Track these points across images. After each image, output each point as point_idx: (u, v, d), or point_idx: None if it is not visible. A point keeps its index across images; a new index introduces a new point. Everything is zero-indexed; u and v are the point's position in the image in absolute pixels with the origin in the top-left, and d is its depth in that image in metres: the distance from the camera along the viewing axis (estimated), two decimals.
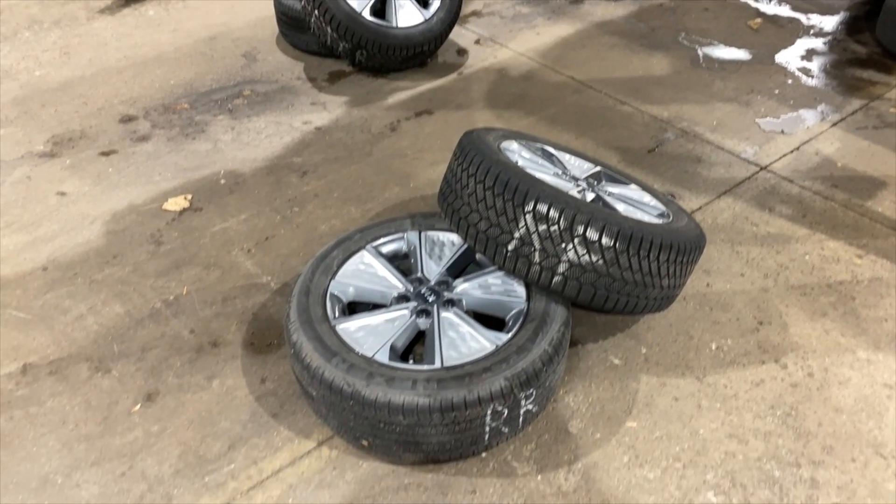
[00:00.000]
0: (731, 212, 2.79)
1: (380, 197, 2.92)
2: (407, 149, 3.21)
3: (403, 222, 2.31)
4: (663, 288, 2.01)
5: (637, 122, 3.37)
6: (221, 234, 2.74)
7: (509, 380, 1.79)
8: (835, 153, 3.10)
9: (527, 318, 1.98)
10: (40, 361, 2.24)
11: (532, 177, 1.95)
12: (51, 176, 3.07)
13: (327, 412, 1.88)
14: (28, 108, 3.55)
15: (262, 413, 2.07)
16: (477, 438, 1.84)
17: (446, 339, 1.96)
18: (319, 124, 3.40)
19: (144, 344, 2.29)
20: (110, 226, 2.79)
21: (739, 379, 2.14)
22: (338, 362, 1.82)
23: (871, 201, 2.81)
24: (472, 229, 2.01)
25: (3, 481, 1.91)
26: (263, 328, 2.34)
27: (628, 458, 1.93)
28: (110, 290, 2.50)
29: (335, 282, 2.12)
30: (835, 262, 2.53)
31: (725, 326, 2.30)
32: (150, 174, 3.07)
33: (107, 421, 2.06)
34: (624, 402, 2.08)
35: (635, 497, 1.83)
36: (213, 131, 3.36)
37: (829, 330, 2.28)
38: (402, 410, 1.74)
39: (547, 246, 1.89)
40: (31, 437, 2.02)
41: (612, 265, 1.89)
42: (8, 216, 2.84)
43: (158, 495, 1.87)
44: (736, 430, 1.99)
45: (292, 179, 3.03)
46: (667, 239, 1.94)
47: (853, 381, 2.12)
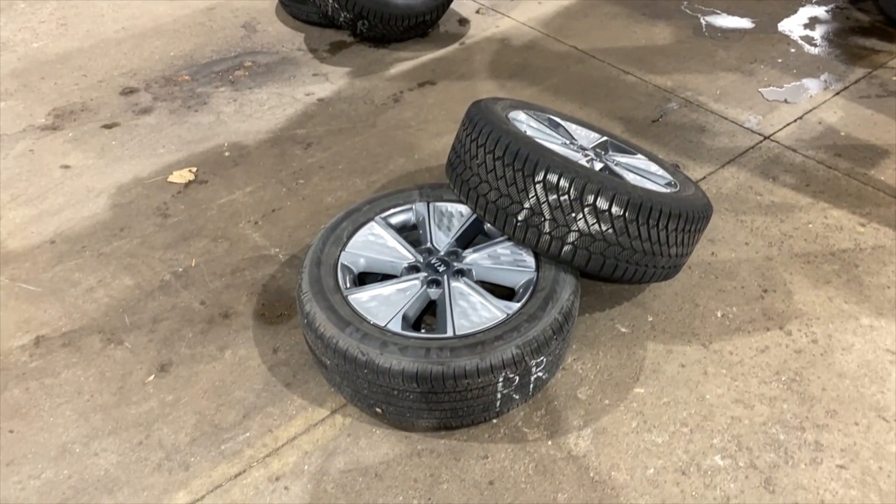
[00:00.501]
0: (735, 181, 2.80)
1: (385, 169, 2.92)
2: (411, 120, 3.20)
3: (411, 193, 2.32)
4: (671, 257, 2.03)
5: (640, 91, 3.37)
6: (228, 206, 2.74)
7: (521, 348, 1.81)
8: (838, 122, 3.11)
9: (536, 288, 2.00)
10: (53, 333, 2.26)
11: (542, 146, 1.95)
12: (54, 149, 3.06)
13: (341, 381, 1.91)
14: (27, 80, 3.52)
15: (275, 382, 2.10)
16: (489, 405, 1.88)
17: (457, 308, 1.98)
18: (322, 96, 3.39)
19: (156, 315, 2.31)
20: (116, 199, 2.79)
21: (745, 346, 2.17)
22: (351, 331, 1.84)
23: (874, 170, 2.83)
24: (481, 199, 2.02)
25: (21, 451, 1.94)
26: (273, 299, 2.36)
27: (636, 423, 1.97)
28: (119, 263, 2.51)
29: (346, 253, 2.13)
30: (838, 231, 2.56)
31: (730, 294, 2.33)
32: (154, 147, 3.06)
33: (122, 391, 2.09)
34: (631, 369, 2.12)
35: (643, 460, 1.88)
36: (215, 103, 3.34)
37: (833, 297, 2.31)
38: (416, 378, 1.77)
39: (557, 216, 1.91)
40: (47, 408, 2.05)
41: (622, 234, 1.91)
42: (13, 189, 2.83)
43: (176, 463, 1.90)
44: (742, 395, 2.03)
45: (297, 151, 3.03)
46: (675, 208, 1.96)
47: (856, 347, 2.15)
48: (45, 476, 1.88)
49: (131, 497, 1.83)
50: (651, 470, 1.86)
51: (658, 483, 1.83)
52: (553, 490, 1.81)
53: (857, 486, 1.81)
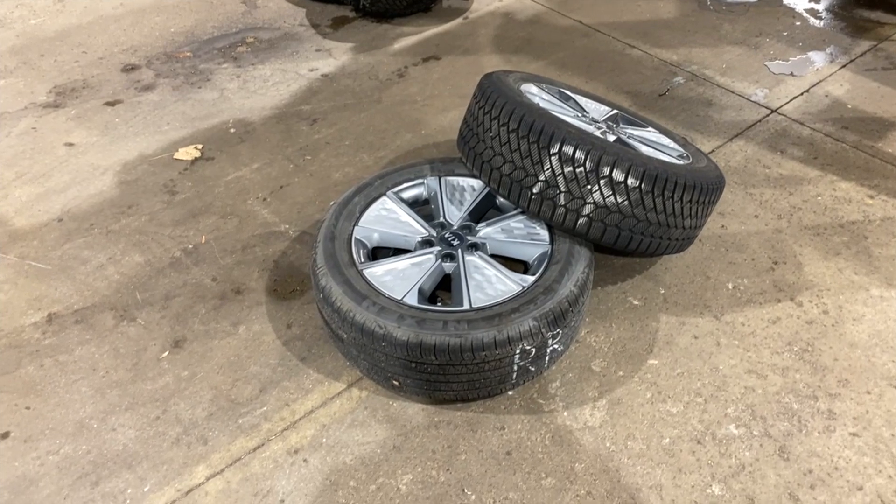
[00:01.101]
0: (744, 154, 2.80)
1: (392, 144, 2.91)
2: (416, 95, 3.19)
3: (422, 168, 2.31)
4: (685, 228, 2.04)
5: (647, 65, 3.35)
6: (235, 182, 2.73)
7: (537, 320, 1.82)
8: (844, 95, 3.11)
9: (551, 260, 2.00)
10: (65, 311, 2.26)
11: (557, 118, 1.95)
12: (57, 127, 3.03)
13: (358, 354, 1.91)
14: (27, 57, 3.48)
15: (290, 357, 2.10)
16: (505, 377, 1.89)
17: (472, 281, 1.98)
18: (326, 71, 3.36)
19: (167, 292, 2.31)
20: (122, 176, 2.77)
21: (756, 317, 2.18)
22: (368, 305, 1.84)
23: (882, 142, 2.83)
24: (495, 173, 2.02)
25: (39, 427, 1.94)
26: (285, 275, 2.35)
27: (651, 393, 1.99)
28: (128, 240, 2.50)
29: (359, 227, 2.13)
30: (847, 203, 2.57)
31: (741, 267, 2.34)
32: (159, 124, 3.04)
33: (136, 367, 2.09)
34: (644, 341, 2.13)
35: (659, 430, 1.89)
36: (218, 80, 3.31)
37: (843, 268, 2.33)
38: (434, 350, 1.77)
39: (572, 188, 1.90)
40: (63, 385, 2.05)
41: (637, 206, 1.91)
42: (17, 168, 2.81)
43: (194, 438, 1.91)
44: (754, 365, 2.05)
45: (302, 128, 3.01)
46: (690, 179, 1.96)
47: (867, 318, 2.17)
48: (64, 451, 1.88)
49: (151, 471, 1.83)
50: (667, 439, 1.88)
51: (674, 452, 1.84)
52: (570, 460, 1.83)
53: (871, 454, 1.83)
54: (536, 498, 1.75)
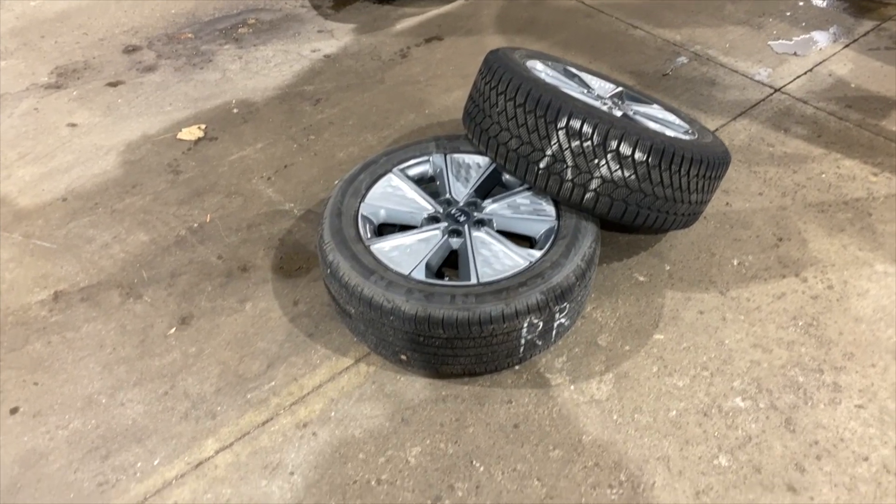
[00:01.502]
0: (748, 133, 2.80)
1: (395, 124, 2.91)
2: (419, 75, 3.18)
3: (428, 145, 2.31)
4: (691, 203, 2.04)
5: (650, 45, 3.34)
6: (239, 162, 2.73)
7: (545, 293, 1.83)
8: (848, 74, 3.11)
9: (558, 236, 2.00)
10: (71, 289, 2.26)
11: (564, 93, 1.95)
12: (59, 107, 3.02)
13: (365, 329, 1.92)
14: (27, 39, 3.46)
15: (297, 333, 2.11)
16: (512, 351, 1.89)
17: (480, 257, 1.99)
18: (328, 52, 3.35)
19: (173, 270, 2.31)
20: (126, 156, 2.77)
21: (761, 292, 2.19)
22: (376, 279, 1.85)
23: (886, 120, 2.83)
24: (501, 148, 2.02)
25: (48, 402, 1.95)
26: (291, 253, 2.35)
27: (657, 367, 2.00)
28: (133, 219, 2.49)
29: (365, 204, 2.13)
30: (851, 180, 2.57)
31: (746, 243, 2.35)
32: (161, 104, 3.03)
33: (144, 344, 2.09)
34: (650, 316, 2.14)
35: (666, 403, 1.90)
36: (220, 61, 3.30)
37: (847, 245, 2.33)
38: (442, 324, 1.78)
39: (580, 162, 1.90)
40: (70, 361, 2.05)
41: (644, 180, 1.91)
42: (20, 148, 2.80)
43: (203, 412, 1.92)
44: (760, 340, 2.06)
45: (306, 108, 3.00)
46: (697, 154, 1.96)
47: (871, 293, 2.18)
48: (73, 426, 1.89)
49: (160, 445, 1.84)
50: (673, 412, 1.89)
51: (681, 424, 1.86)
52: (577, 432, 1.84)
53: (876, 425, 1.84)
54: (545, 469, 1.76)
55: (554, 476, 1.75)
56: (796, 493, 1.72)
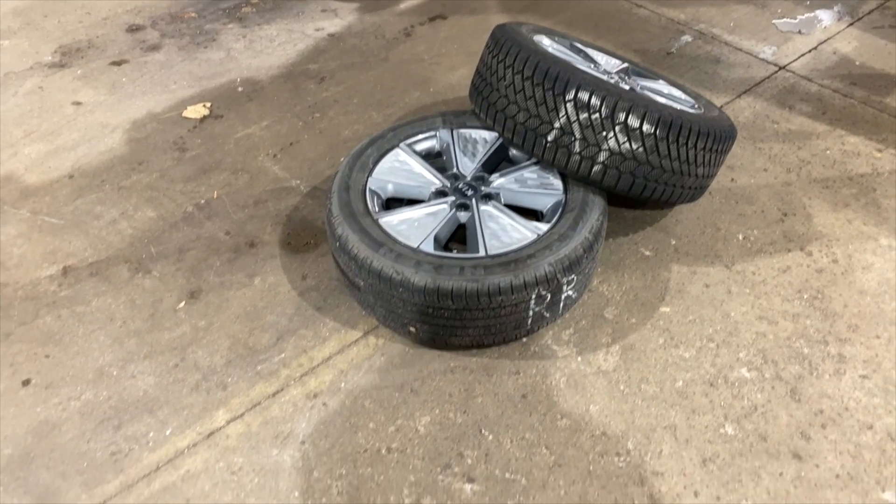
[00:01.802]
0: (752, 110, 2.81)
1: (400, 102, 2.91)
2: (423, 54, 3.18)
3: (434, 120, 2.32)
4: (698, 177, 2.05)
5: (654, 24, 3.34)
6: (245, 140, 2.73)
7: (553, 265, 1.84)
8: (852, 52, 3.11)
9: (566, 209, 2.02)
10: (79, 264, 2.27)
11: (572, 65, 1.95)
12: (63, 86, 3.02)
13: (374, 301, 1.93)
14: (30, 18, 3.45)
15: (306, 307, 2.12)
16: (520, 323, 1.91)
17: (488, 230, 2.00)
18: (332, 31, 3.34)
19: (181, 245, 2.32)
20: (131, 134, 2.77)
21: (767, 266, 2.21)
22: (385, 252, 1.86)
23: (890, 97, 2.84)
24: (509, 122, 2.03)
25: (59, 375, 1.96)
26: (298, 229, 2.36)
27: (664, 339, 2.01)
28: (140, 196, 2.50)
29: (372, 178, 2.14)
30: (855, 156, 2.58)
31: (751, 218, 2.36)
32: (166, 83, 3.03)
33: (153, 317, 2.11)
34: (656, 289, 2.15)
35: (672, 374, 1.92)
36: (224, 40, 3.29)
37: (852, 219, 2.34)
38: (451, 296, 1.79)
39: (587, 135, 1.91)
40: (81, 334, 2.07)
41: (652, 153, 1.92)
42: (26, 126, 2.80)
43: (213, 384, 1.93)
44: (765, 312, 2.08)
45: (310, 86, 3.00)
46: (704, 127, 1.97)
47: (876, 266, 2.19)
48: (85, 397, 1.91)
49: (172, 416, 1.86)
50: (680, 382, 1.90)
51: (687, 394, 1.88)
52: (585, 402, 1.86)
53: (880, 395, 1.86)
54: (553, 437, 1.78)
55: (562, 444, 1.77)
56: (801, 460, 1.74)
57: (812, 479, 1.70)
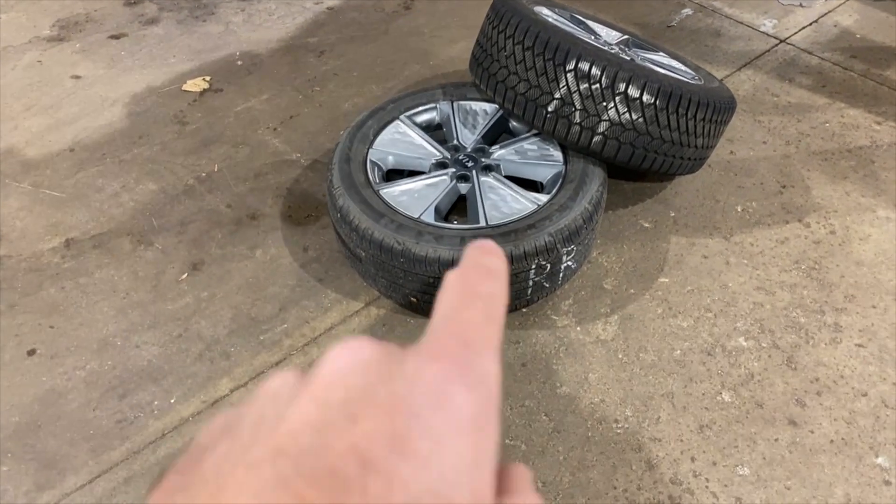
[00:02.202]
0: (752, 83, 2.81)
1: (400, 75, 2.90)
2: (423, 27, 3.16)
3: (435, 92, 2.32)
4: (697, 148, 2.06)
5: None
6: (245, 113, 2.73)
7: (553, 235, 1.85)
8: (853, 25, 3.10)
9: (566, 180, 2.03)
10: (82, 236, 2.28)
11: (573, 35, 1.95)
12: (62, 59, 3.01)
13: (376, 272, 1.95)
14: None
15: (308, 278, 2.14)
16: (520, 293, 1.93)
17: (488, 201, 2.01)
18: (331, 4, 3.32)
19: (183, 218, 2.33)
20: (131, 107, 2.77)
21: (765, 237, 2.22)
22: (386, 222, 1.87)
23: (890, 70, 2.83)
24: (509, 92, 2.03)
25: (64, 345, 1.98)
26: (299, 201, 2.38)
27: (662, 309, 2.03)
28: (141, 169, 2.51)
29: (373, 150, 2.14)
30: (854, 129, 2.58)
31: (750, 190, 2.37)
32: (165, 56, 3.02)
33: (156, 289, 2.13)
34: (655, 261, 2.17)
35: (670, 343, 1.95)
36: (222, 13, 3.28)
37: (850, 191, 2.36)
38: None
39: (588, 105, 1.92)
40: (85, 305, 2.08)
41: (652, 123, 1.93)
42: (25, 99, 2.80)
43: (217, 353, 1.96)
44: (763, 283, 2.10)
45: (310, 59, 2.99)
46: (704, 97, 1.97)
47: (873, 237, 2.21)
48: (90, 367, 1.93)
49: (176, 385, 1.88)
50: (678, 351, 1.93)
51: (685, 363, 1.90)
52: (584, 370, 1.89)
53: (875, 363, 1.89)
54: (552, 405, 1.81)
55: (561, 411, 1.80)
56: (797, 426, 1.77)
57: (807, 445, 1.73)
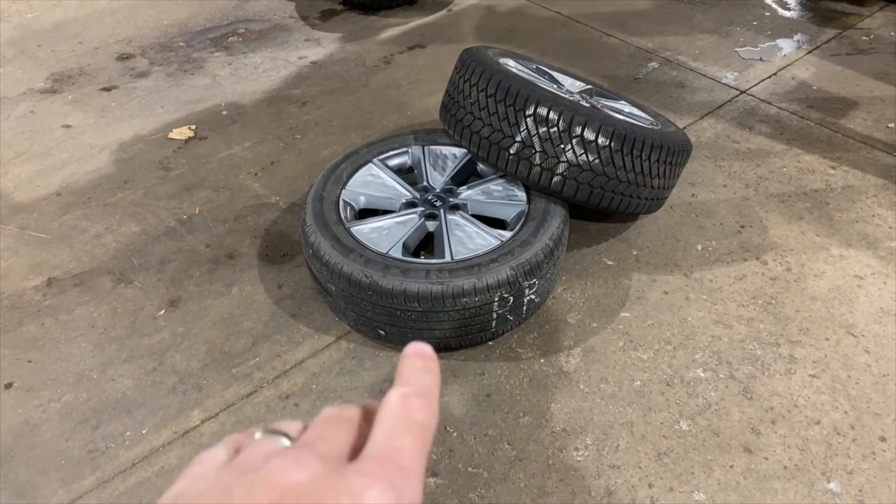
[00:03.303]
0: (714, 131, 2.94)
1: (378, 124, 3.03)
2: (402, 80, 3.31)
3: (407, 138, 2.43)
4: (654, 188, 2.16)
5: (622, 52, 3.50)
6: (228, 159, 2.84)
7: (515, 269, 1.93)
8: (810, 77, 3.26)
9: (528, 218, 2.12)
10: (64, 275, 2.35)
11: (532, 83, 2.08)
12: (54, 110, 3.14)
13: (346, 306, 2.02)
14: (24, 48, 3.59)
15: (281, 314, 2.20)
16: (485, 325, 2.00)
17: (454, 237, 2.10)
18: (315, 59, 3.48)
19: (163, 258, 2.41)
20: (118, 154, 2.88)
21: (723, 274, 2.31)
22: (355, 257, 1.95)
23: (844, 119, 2.98)
24: (475, 136, 2.14)
25: (41, 378, 2.03)
26: (276, 242, 2.46)
27: (623, 342, 2.10)
28: (125, 212, 2.60)
29: (346, 191, 2.24)
30: (810, 173, 2.70)
31: (710, 230, 2.47)
32: (153, 107, 3.15)
33: (134, 325, 2.19)
34: (617, 296, 2.25)
35: (630, 374, 2.01)
36: (210, 67, 3.43)
37: (806, 231, 2.46)
38: (417, 298, 1.88)
39: (547, 147, 2.03)
40: (63, 340, 2.14)
41: (608, 164, 2.03)
42: (17, 147, 2.91)
43: (189, 386, 2.01)
44: (721, 317, 2.17)
45: (292, 110, 3.13)
46: (657, 140, 2.09)
47: (827, 274, 2.30)
48: (65, 399, 1.98)
49: (149, 416, 1.93)
50: (637, 382, 1.99)
51: (644, 393, 1.96)
52: (546, 401, 1.94)
53: (828, 392, 1.95)
54: (515, 434, 1.86)
55: (523, 440, 1.85)
56: (752, 453, 1.82)
57: (761, 471, 1.78)
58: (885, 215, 2.50)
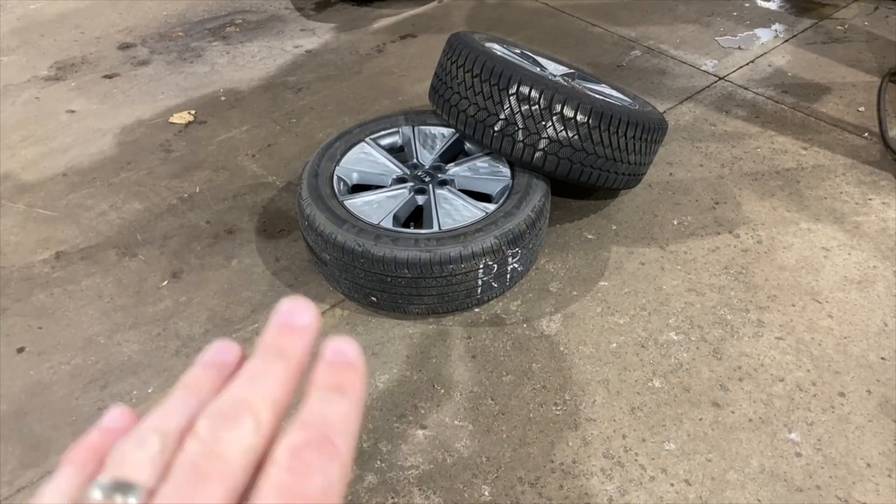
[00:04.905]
0: (692, 114, 3.07)
1: (371, 109, 3.15)
2: (394, 67, 3.44)
3: (398, 118, 2.56)
4: (630, 164, 2.29)
5: (607, 41, 3.63)
6: (226, 142, 2.96)
7: (498, 238, 2.06)
8: (786, 65, 3.39)
9: (512, 191, 2.25)
10: (71, 250, 2.47)
11: (515, 63, 2.20)
12: (59, 96, 3.25)
13: (339, 274, 2.14)
14: (27, 38, 3.70)
15: (279, 284, 2.33)
16: (471, 292, 2.12)
17: (442, 210, 2.22)
18: (310, 48, 3.60)
19: (165, 233, 2.53)
20: (121, 137, 2.99)
21: (698, 247, 2.44)
22: (348, 227, 2.08)
23: (817, 104, 3.11)
24: (462, 115, 2.27)
25: (51, 343, 2.15)
26: (274, 218, 2.58)
27: (601, 308, 2.23)
28: (128, 191, 2.72)
29: (340, 167, 2.36)
30: (783, 153, 2.84)
31: (686, 206, 2.60)
32: (154, 93, 3.27)
33: (138, 294, 2.31)
34: (597, 267, 2.37)
35: (607, 337, 2.14)
36: (209, 56, 3.54)
37: (777, 207, 2.59)
38: (407, 264, 2.01)
39: (529, 124, 2.15)
40: (71, 309, 2.26)
41: (586, 140, 2.16)
42: (23, 131, 3.02)
43: (192, 349, 2.13)
44: (694, 285, 2.30)
45: (288, 96, 3.24)
46: (633, 118, 2.22)
47: (795, 246, 2.43)
48: (75, 362, 2.10)
49: (154, 376, 2.05)
50: (614, 344, 2.12)
51: (620, 354, 2.09)
52: (528, 361, 2.07)
53: (792, 353, 2.08)
54: (498, 391, 1.99)
55: (506, 396, 1.98)
56: (720, 407, 1.95)
57: (728, 423, 1.91)
58: (852, 192, 2.64)
